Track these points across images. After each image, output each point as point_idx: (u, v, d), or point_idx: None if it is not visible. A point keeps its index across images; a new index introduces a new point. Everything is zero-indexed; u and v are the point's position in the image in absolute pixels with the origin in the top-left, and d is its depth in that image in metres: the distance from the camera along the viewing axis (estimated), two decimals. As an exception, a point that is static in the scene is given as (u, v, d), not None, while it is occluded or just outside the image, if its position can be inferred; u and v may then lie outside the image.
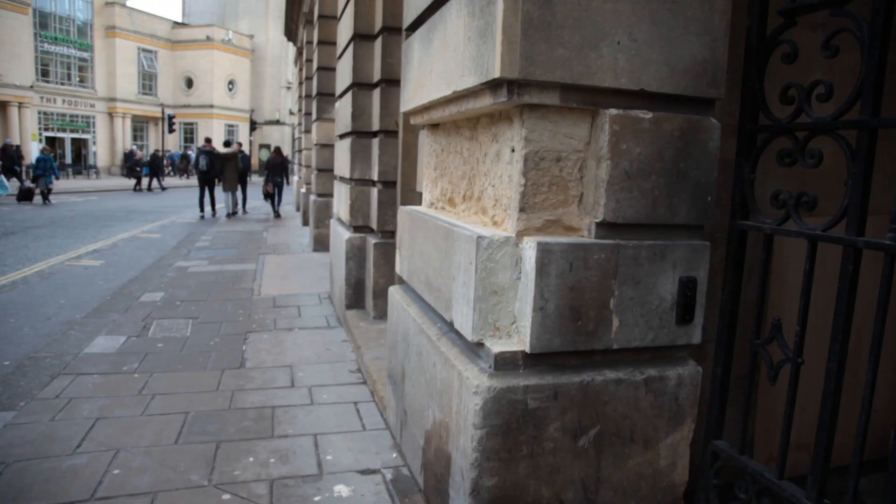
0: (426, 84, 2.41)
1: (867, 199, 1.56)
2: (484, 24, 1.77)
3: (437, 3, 2.30)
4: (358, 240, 5.52)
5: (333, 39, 8.44)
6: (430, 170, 2.78)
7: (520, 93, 1.72)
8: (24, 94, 35.24)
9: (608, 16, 1.76)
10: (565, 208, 1.89)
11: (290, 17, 17.91)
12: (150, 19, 45.02)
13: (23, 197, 19.34)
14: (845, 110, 1.60)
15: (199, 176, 16.18)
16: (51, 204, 18.83)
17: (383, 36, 4.82)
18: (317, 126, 10.08)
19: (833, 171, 2.04)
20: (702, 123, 1.92)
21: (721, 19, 1.90)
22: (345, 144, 5.84)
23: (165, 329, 5.39)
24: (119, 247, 10.67)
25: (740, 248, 2.00)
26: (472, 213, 2.23)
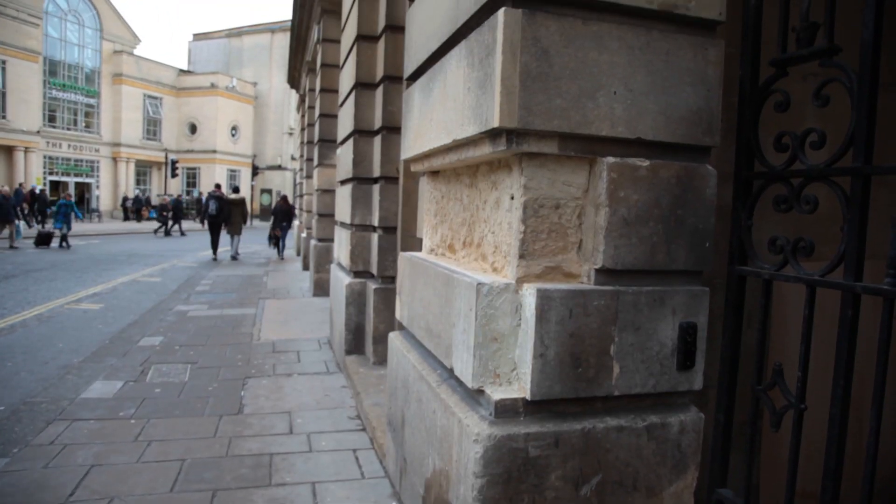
0: (426, 132, 2.46)
1: (863, 245, 1.57)
2: (483, 75, 1.81)
3: (437, 55, 2.36)
4: (358, 285, 5.52)
5: (335, 87, 8.61)
6: (431, 216, 2.81)
7: (518, 142, 1.76)
8: (30, 139, 35.80)
9: (604, 67, 1.81)
10: (564, 255, 1.90)
11: (294, 66, 18.30)
12: (157, 67, 45.96)
13: (41, 241, 18.71)
14: (838, 157, 1.63)
15: (209, 220, 16.96)
16: (69, 249, 18.43)
17: (384, 84, 4.92)
18: (318, 172, 10.20)
19: (829, 216, 2.06)
20: (698, 171, 1.95)
21: (714, 70, 1.95)
22: (346, 190, 5.89)
23: (163, 374, 5.35)
24: (119, 290, 10.67)
25: (739, 293, 2.01)
26: (472, 259, 2.25)
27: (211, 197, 16.98)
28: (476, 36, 1.89)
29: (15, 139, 34.72)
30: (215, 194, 17.01)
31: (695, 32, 1.93)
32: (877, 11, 1.54)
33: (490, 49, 1.76)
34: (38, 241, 18.81)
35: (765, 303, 1.87)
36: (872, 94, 1.56)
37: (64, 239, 18.80)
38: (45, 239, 18.84)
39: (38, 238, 18.93)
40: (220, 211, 16.58)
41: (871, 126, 1.57)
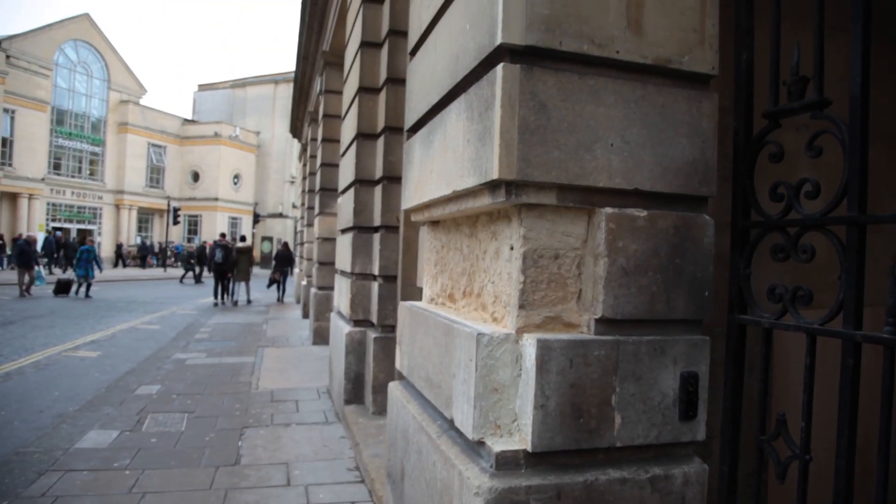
0: (427, 183, 2.49)
1: (862, 293, 1.58)
2: (482, 128, 1.85)
3: (438, 108, 2.41)
4: (358, 334, 5.50)
5: (337, 137, 8.74)
6: (431, 266, 2.82)
7: (518, 193, 1.78)
8: (35, 186, 36.27)
9: (601, 120, 1.85)
10: (564, 305, 1.91)
11: (296, 116, 18.63)
12: (162, 116, 46.78)
13: (60, 289, 18.09)
14: (833, 207, 1.66)
15: (215, 268, 17.81)
16: (90, 298, 17.79)
17: (385, 135, 5.00)
18: (319, 220, 10.28)
19: (827, 264, 2.07)
20: (695, 220, 1.97)
21: (708, 122, 1.99)
22: (346, 239, 5.93)
23: (160, 423, 5.29)
24: (117, 337, 10.62)
25: (740, 342, 2.01)
26: (472, 309, 2.25)
27: (217, 245, 17.89)
28: (475, 90, 1.93)
29: (20, 186, 35.16)
30: (221, 243, 17.96)
31: (689, 86, 1.98)
32: (863, 66, 1.59)
33: (489, 103, 1.80)
34: (58, 290, 18.12)
35: (766, 352, 1.87)
36: (863, 146, 1.60)
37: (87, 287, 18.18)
38: (65, 287, 18.22)
39: (58, 286, 18.22)
40: (225, 259, 17.46)
41: (863, 176, 1.60)
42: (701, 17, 1.99)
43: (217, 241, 18.45)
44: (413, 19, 2.98)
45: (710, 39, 1.99)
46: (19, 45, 36.11)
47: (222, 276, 17.87)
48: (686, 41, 1.96)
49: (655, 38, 1.92)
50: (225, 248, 17.65)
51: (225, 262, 17.54)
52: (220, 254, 17.48)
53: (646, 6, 1.91)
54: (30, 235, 18.90)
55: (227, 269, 17.74)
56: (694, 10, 1.97)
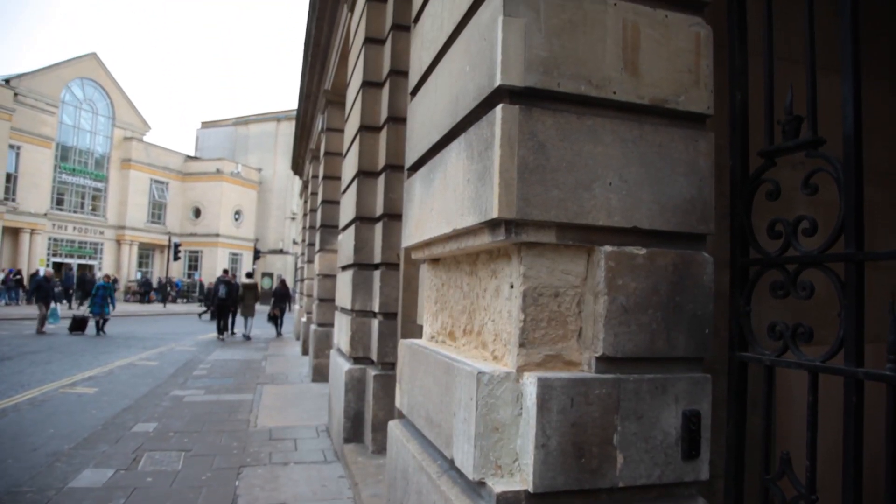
0: (427, 221, 2.51)
1: (862, 330, 1.58)
2: (482, 167, 1.87)
3: (438, 147, 2.44)
4: (358, 371, 5.47)
5: (338, 175, 8.82)
6: (431, 303, 2.82)
7: (517, 232, 1.80)
8: (37, 222, 36.47)
9: (599, 159, 1.87)
10: (565, 343, 1.90)
11: (298, 153, 18.83)
12: (165, 153, 47.26)
13: (75, 327, 17.38)
14: (831, 244, 1.66)
15: (218, 303, 18.14)
16: (105, 335, 17.38)
17: (386, 173, 5.05)
18: (319, 257, 10.30)
19: (827, 300, 2.07)
20: (694, 258, 1.98)
21: (705, 160, 2.01)
22: (347, 276, 5.93)
23: (156, 462, 5.22)
24: (115, 374, 10.54)
25: (741, 379, 1.99)
26: (473, 347, 2.25)
27: (220, 281, 18.37)
28: (475, 130, 1.96)
29: (22, 221, 35.35)
30: (224, 279, 18.46)
31: (685, 125, 2.01)
32: (855, 105, 1.61)
33: (489, 143, 1.82)
34: (73, 327, 17.45)
35: (768, 389, 1.85)
36: (858, 183, 1.61)
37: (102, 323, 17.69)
38: (80, 324, 17.61)
39: (73, 323, 17.56)
40: (228, 295, 17.90)
41: (859, 214, 1.61)
42: (695, 59, 2.02)
43: (220, 277, 18.95)
44: (414, 60, 3.03)
45: (705, 80, 2.03)
46: (27, 83, 36.70)
47: (225, 311, 18.21)
48: (681, 82, 2.00)
49: (651, 79, 1.96)
50: (228, 283, 18.11)
51: (228, 298, 17.95)
52: (224, 289, 17.92)
53: (641, 48, 1.95)
54: (47, 270, 18.46)
55: (230, 305, 18.19)
56: (688, 51, 2.01)
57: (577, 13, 1.90)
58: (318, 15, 9.20)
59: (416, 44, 2.97)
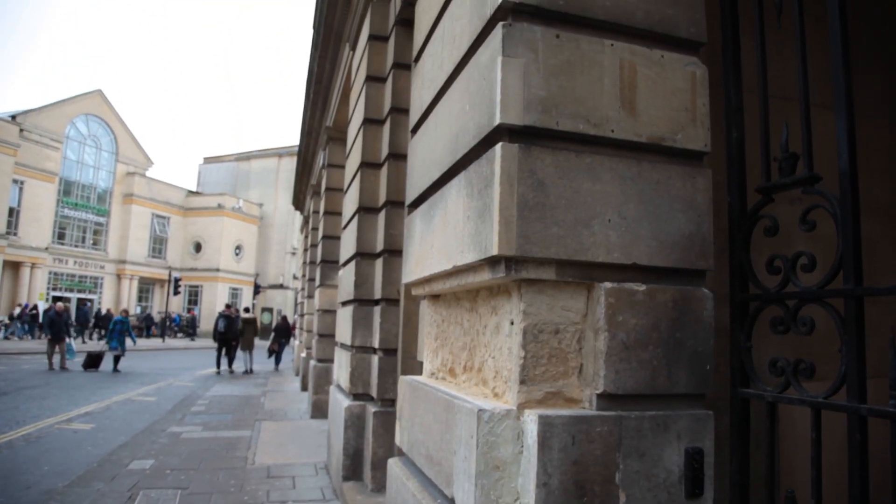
0: (427, 258, 2.52)
1: (864, 365, 1.58)
2: (482, 204, 1.89)
3: (438, 184, 2.47)
4: (357, 408, 5.42)
5: (339, 210, 8.87)
6: (431, 340, 2.81)
7: (517, 269, 1.80)
8: (38, 255, 36.52)
9: (598, 196, 1.89)
10: (565, 380, 1.89)
11: (299, 189, 18.97)
12: (167, 188, 47.55)
13: (90, 363, 16.99)
14: (830, 279, 1.67)
15: (218, 337, 18.46)
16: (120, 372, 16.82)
17: (387, 209, 5.08)
18: (319, 292, 10.29)
19: (828, 335, 2.07)
20: (694, 294, 1.98)
21: (703, 197, 2.03)
22: (347, 311, 5.92)
23: (152, 500, 5.14)
24: (112, 409, 10.44)
25: (744, 416, 1.98)
26: (473, 384, 2.23)
27: (221, 316, 18.70)
28: (475, 168, 1.99)
29: (23, 255, 35.40)
30: (224, 314, 18.80)
31: (683, 163, 2.03)
32: (849, 142, 1.64)
33: (488, 180, 1.84)
34: (88, 363, 17.02)
35: (771, 426, 1.84)
36: (855, 219, 1.63)
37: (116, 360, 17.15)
38: (95, 361, 17.17)
39: (88, 360, 17.10)
40: (228, 329, 18.30)
41: (857, 249, 1.62)
42: (692, 97, 2.06)
43: (221, 312, 19.24)
44: (414, 99, 3.08)
45: (702, 118, 2.06)
46: (33, 119, 37.14)
47: (226, 344, 18.59)
48: (678, 120, 2.03)
49: (649, 117, 1.99)
50: (228, 318, 18.50)
51: (228, 332, 18.34)
52: (223, 323, 18.31)
53: (638, 87, 1.99)
54: (59, 305, 17.82)
55: (231, 339, 18.56)
56: (685, 90, 2.05)
57: (575, 53, 1.94)
58: (321, 53, 9.36)
59: (417, 83, 3.02)
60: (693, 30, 2.10)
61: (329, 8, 7.95)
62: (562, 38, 1.93)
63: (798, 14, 1.80)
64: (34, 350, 23.36)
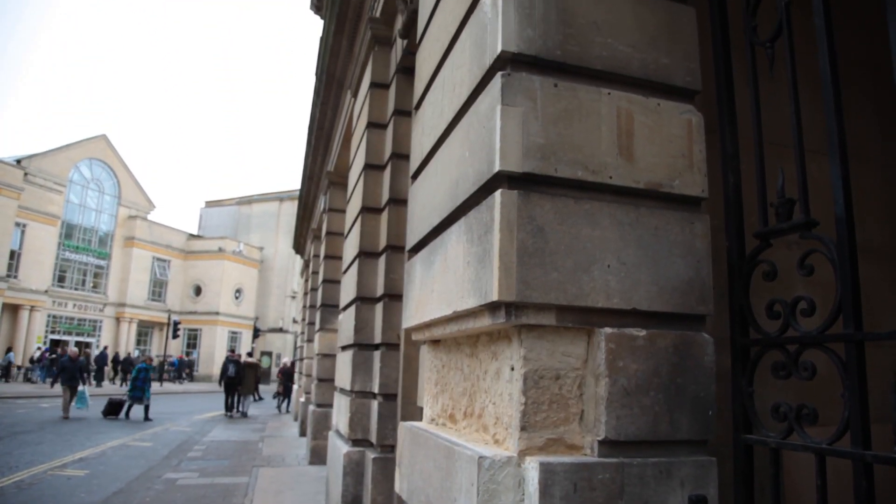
0: (427, 303, 2.52)
1: (867, 411, 1.56)
2: (482, 250, 1.91)
3: (438, 230, 2.49)
4: (356, 454, 5.34)
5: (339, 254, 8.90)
6: (431, 385, 2.80)
7: (517, 314, 1.81)
8: (37, 298, 36.40)
9: (597, 242, 1.91)
10: (567, 426, 1.88)
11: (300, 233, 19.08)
12: (168, 231, 47.73)
13: (110, 410, 16.39)
14: (830, 324, 1.67)
15: (228, 381, 19.26)
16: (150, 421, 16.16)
17: (387, 254, 5.10)
18: (319, 336, 10.25)
19: (831, 379, 2.06)
20: (695, 339, 1.98)
21: (702, 242, 2.05)
22: (347, 356, 5.89)
23: (146, 552, 5.01)
24: (107, 455, 10.28)
25: (748, 462, 1.95)
26: (474, 430, 2.21)
27: (230, 361, 19.51)
28: (475, 214, 2.01)
29: (23, 298, 35.31)
30: (233, 359, 19.68)
31: (681, 208, 2.06)
32: (844, 188, 1.66)
33: (488, 227, 1.86)
34: (108, 411, 16.42)
35: (775, 472, 1.81)
36: (853, 263, 1.63)
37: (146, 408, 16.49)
38: (116, 408, 16.53)
39: (108, 407, 16.50)
40: (237, 373, 19.11)
41: (856, 293, 1.62)
42: (688, 144, 2.09)
43: (229, 357, 20.09)
44: (415, 145, 3.13)
45: (699, 164, 2.09)
46: (38, 163, 37.53)
47: (232, 389, 19.32)
48: (676, 166, 2.06)
49: (646, 164, 2.02)
50: (236, 363, 19.33)
51: (237, 376, 19.12)
52: (233, 368, 19.09)
53: (636, 135, 2.03)
54: (72, 351, 17.42)
55: (238, 383, 19.28)
56: (681, 137, 2.09)
57: (573, 102, 1.98)
58: (323, 100, 9.53)
59: (417, 129, 3.07)
60: (688, 78, 2.15)
61: (331, 56, 8.13)
62: (560, 87, 1.97)
63: (790, 63, 1.84)
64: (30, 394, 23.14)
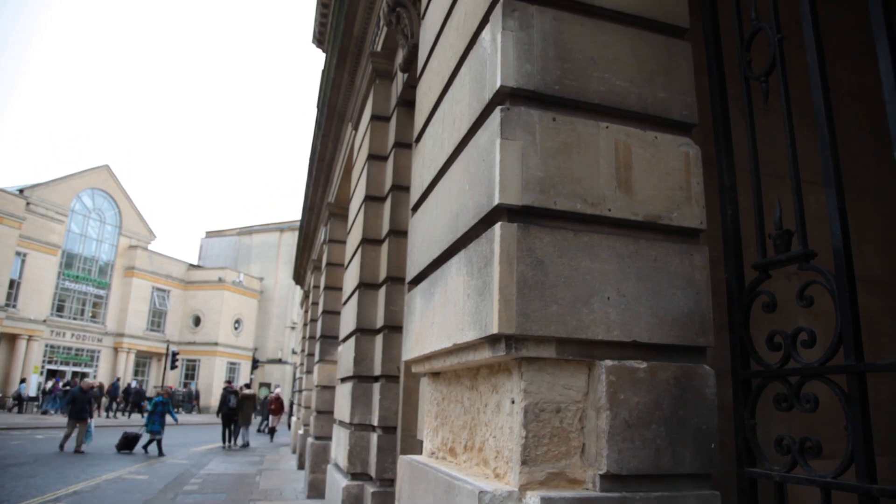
0: (427, 335, 2.52)
1: (871, 443, 1.55)
2: (482, 283, 1.91)
3: (438, 262, 2.49)
4: (355, 488, 5.27)
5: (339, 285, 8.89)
6: (431, 418, 2.77)
7: (517, 347, 1.80)
8: (35, 328, 36.15)
9: (596, 274, 1.91)
10: (568, 460, 1.86)
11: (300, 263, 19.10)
12: (168, 262, 47.67)
13: (125, 445, 15.65)
14: (831, 355, 1.66)
15: (227, 412, 19.31)
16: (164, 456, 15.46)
17: (387, 285, 5.10)
18: (319, 367, 10.19)
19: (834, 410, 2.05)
20: (696, 371, 1.97)
21: (701, 274, 2.05)
22: (346, 388, 5.85)
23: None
24: (102, 488, 10.11)
25: (752, 496, 1.93)
26: (474, 464, 2.19)
27: (229, 392, 19.52)
28: (475, 246, 2.02)
29: (21, 328, 35.07)
30: (232, 390, 19.77)
31: (679, 240, 2.07)
32: (841, 220, 1.67)
33: (488, 259, 1.87)
34: (122, 445, 15.67)
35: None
36: (852, 295, 1.64)
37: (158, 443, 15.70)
38: (131, 443, 15.81)
39: (123, 441, 15.72)
40: (238, 404, 19.30)
41: (856, 325, 1.62)
42: (686, 176, 2.11)
43: (228, 388, 20.04)
44: (415, 178, 3.15)
45: (697, 196, 2.11)
46: (40, 193, 37.66)
47: (231, 420, 19.40)
48: (674, 198, 2.07)
49: (644, 196, 2.03)
50: (236, 394, 19.47)
51: (237, 408, 19.31)
52: (234, 399, 19.20)
53: (634, 168, 2.04)
54: (86, 381, 16.76)
55: (236, 414, 19.41)
56: (679, 170, 2.10)
57: (572, 136, 2.00)
58: (324, 132, 9.62)
59: (418, 162, 3.10)
60: (685, 112, 2.18)
61: (333, 89, 8.23)
62: (558, 121, 2.00)
63: (784, 96, 1.87)
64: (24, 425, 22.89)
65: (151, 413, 15.97)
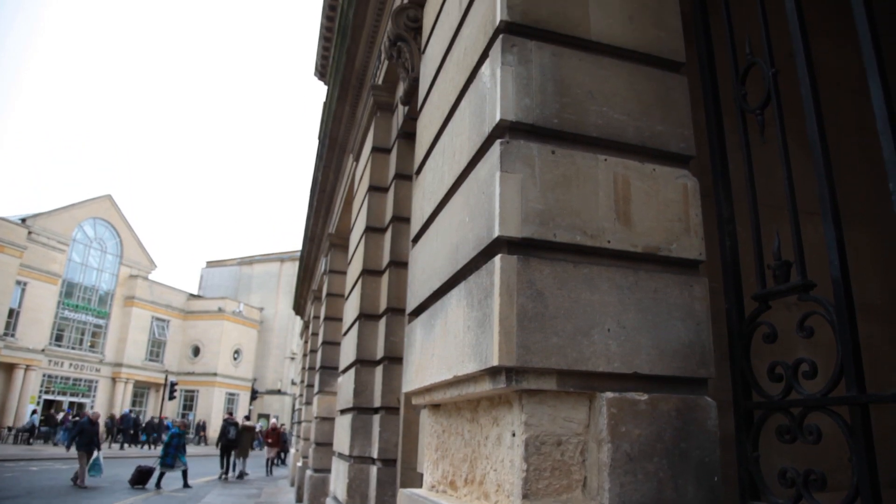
0: (428, 367, 2.51)
1: (876, 475, 1.54)
2: (482, 315, 1.91)
3: (439, 293, 2.50)
4: (355, 521, 5.19)
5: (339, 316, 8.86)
6: (431, 451, 2.75)
7: (518, 379, 1.80)
8: (33, 357, 35.94)
9: (596, 306, 1.91)
10: (569, 493, 1.84)
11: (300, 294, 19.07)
12: (168, 291, 47.63)
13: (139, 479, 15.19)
14: (832, 387, 1.66)
15: (227, 443, 19.59)
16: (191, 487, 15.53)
17: (387, 316, 5.09)
18: (318, 399, 10.11)
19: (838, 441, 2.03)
20: (697, 402, 1.96)
21: (701, 305, 2.05)
22: (346, 420, 5.80)
23: None
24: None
25: (757, 531, 1.91)
26: (475, 497, 2.16)
27: (229, 424, 19.83)
28: (475, 278, 2.02)
29: (19, 357, 34.86)
30: (232, 421, 20.11)
31: (679, 271, 2.07)
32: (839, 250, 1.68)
33: (488, 291, 1.88)
34: (136, 480, 15.22)
35: (785, 542, 1.77)
36: (853, 325, 1.63)
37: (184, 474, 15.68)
38: (144, 477, 15.35)
39: (136, 475, 15.28)
40: (238, 436, 19.61)
41: (857, 355, 1.62)
42: (684, 208, 2.13)
43: (228, 420, 20.40)
44: (415, 209, 3.17)
45: (696, 227, 2.12)
46: (42, 222, 37.80)
47: (230, 451, 19.68)
48: (673, 230, 2.08)
49: (643, 228, 2.04)
50: (236, 425, 19.77)
51: (236, 439, 19.54)
52: (234, 431, 19.49)
53: (632, 200, 2.06)
54: (94, 413, 17.12)
55: (235, 446, 19.67)
56: (677, 201, 2.12)
57: (571, 168, 2.02)
58: (325, 163, 9.70)
59: (418, 194, 3.12)
60: (682, 144, 2.21)
61: (334, 121, 8.32)
62: (557, 154, 2.02)
63: (779, 128, 1.90)
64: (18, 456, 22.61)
65: (167, 446, 15.62)
